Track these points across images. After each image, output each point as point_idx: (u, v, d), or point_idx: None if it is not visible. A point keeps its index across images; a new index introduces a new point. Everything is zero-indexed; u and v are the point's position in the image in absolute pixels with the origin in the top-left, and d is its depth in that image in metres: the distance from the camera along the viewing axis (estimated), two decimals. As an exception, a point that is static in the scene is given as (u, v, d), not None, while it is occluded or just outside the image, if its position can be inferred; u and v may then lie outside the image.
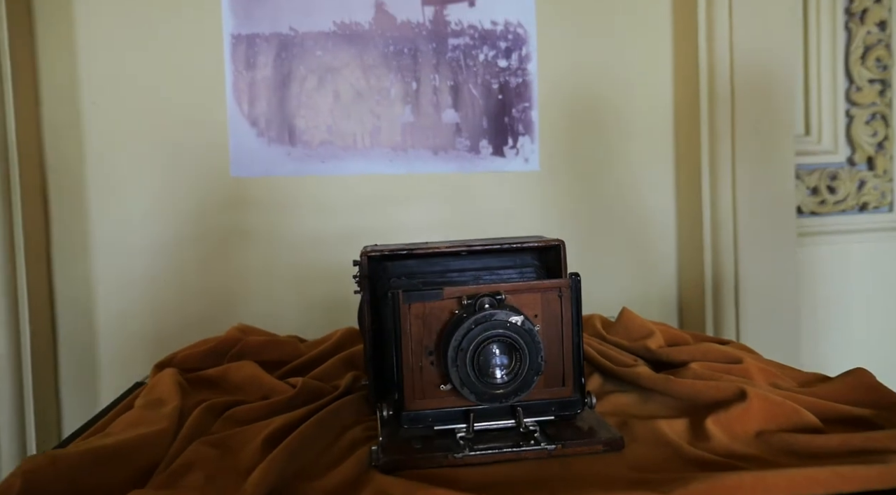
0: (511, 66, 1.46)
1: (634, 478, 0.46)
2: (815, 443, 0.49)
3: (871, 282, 1.47)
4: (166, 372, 0.77)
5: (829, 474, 0.43)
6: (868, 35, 1.43)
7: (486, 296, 0.54)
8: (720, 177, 1.39)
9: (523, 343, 0.52)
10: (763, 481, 0.42)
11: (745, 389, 0.56)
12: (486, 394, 0.53)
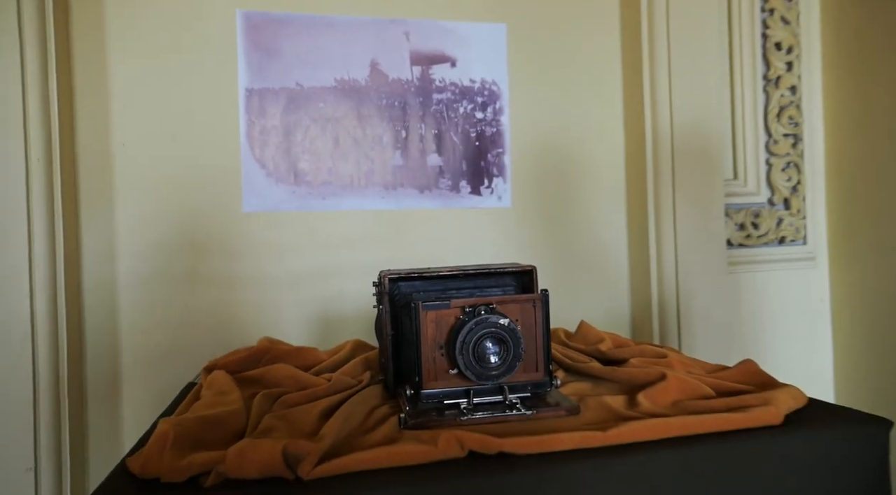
0: (486, 117, 1.70)
1: (586, 427, 0.67)
2: (707, 404, 0.71)
3: (789, 302, 1.73)
4: (218, 373, 0.95)
5: (712, 420, 0.65)
6: (782, 97, 1.72)
7: (481, 306, 0.76)
8: (663, 216, 1.65)
9: (509, 338, 0.74)
10: (667, 424, 0.64)
11: (665, 373, 0.79)
12: (483, 375, 0.74)
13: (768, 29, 1.71)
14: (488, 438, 0.63)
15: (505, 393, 0.76)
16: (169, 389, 1.44)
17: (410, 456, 0.62)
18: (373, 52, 1.64)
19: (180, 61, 1.53)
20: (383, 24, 1.64)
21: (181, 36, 1.52)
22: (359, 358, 1.02)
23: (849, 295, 1.73)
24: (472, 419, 0.72)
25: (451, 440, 0.63)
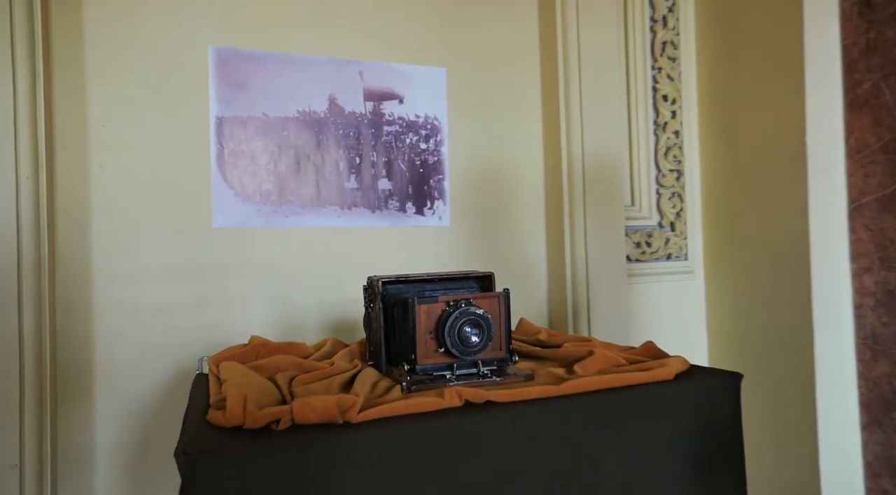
0: (429, 148, 1.96)
1: (542, 384, 0.94)
2: (623, 368, 1.00)
3: (673, 307, 2.10)
4: (231, 363, 1.14)
5: (627, 377, 0.93)
6: (668, 140, 2.11)
7: (462, 300, 1.01)
8: (576, 233, 1.97)
9: (483, 323, 0.99)
10: (598, 380, 0.92)
11: (593, 350, 1.07)
12: (465, 351, 0.99)
13: (657, 84, 2.10)
14: (479, 391, 0.88)
15: (479, 366, 1.01)
16: (139, 391, 1.59)
17: (426, 405, 0.85)
18: (331, 87, 1.86)
19: (157, 90, 1.68)
20: (340, 64, 1.87)
21: (158, 67, 1.68)
22: (344, 350, 1.24)
23: (719, 301, 2.13)
24: (456, 384, 0.96)
25: (453, 393, 0.87)
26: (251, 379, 1.01)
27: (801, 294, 1.82)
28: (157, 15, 1.68)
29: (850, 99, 1.84)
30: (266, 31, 1.78)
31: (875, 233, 1.78)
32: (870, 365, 1.80)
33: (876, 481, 1.81)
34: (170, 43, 1.69)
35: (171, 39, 1.69)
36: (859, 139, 1.81)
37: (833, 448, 1.78)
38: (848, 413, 1.81)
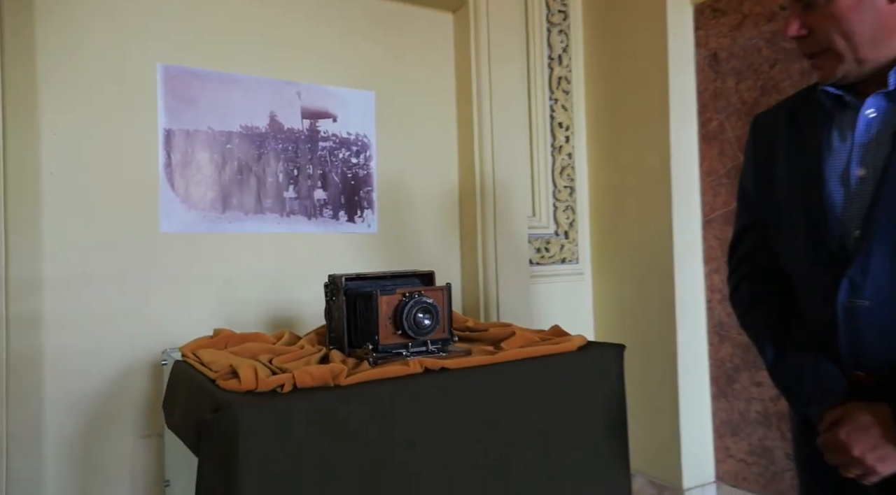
0: (360, 162, 2.20)
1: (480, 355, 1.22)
2: (538, 342, 1.30)
3: (567, 303, 2.47)
4: (207, 350, 1.32)
5: (542, 349, 1.24)
6: (563, 160, 2.48)
7: (415, 292, 1.26)
8: (487, 240, 2.28)
9: (433, 310, 1.25)
10: (521, 351, 1.21)
11: (514, 331, 1.36)
12: (418, 333, 1.24)
13: (554, 113, 2.46)
14: (435, 360, 1.14)
15: (428, 345, 1.27)
16: (88, 386, 1.69)
17: (396, 371, 1.10)
18: (271, 105, 2.04)
19: (108, 102, 1.79)
20: (280, 85, 2.06)
21: (110, 81, 1.79)
22: (307, 337, 1.45)
23: (603, 297, 2.52)
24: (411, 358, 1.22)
25: (415, 363, 1.13)
26: (240, 359, 1.21)
27: (667, 290, 2.24)
28: (110, 32, 1.79)
29: (702, 133, 2.29)
30: (213, 52, 1.94)
31: (722, 241, 2.23)
32: (717, 347, 2.25)
33: (721, 440, 2.26)
34: (121, 59, 1.81)
35: (122, 56, 1.81)
36: (709, 166, 2.27)
37: (689, 414, 2.21)
38: (701, 386, 2.25)
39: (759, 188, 1.11)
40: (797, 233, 0.99)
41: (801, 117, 1.04)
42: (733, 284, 1.17)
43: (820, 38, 0.93)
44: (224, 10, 1.96)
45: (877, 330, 0.87)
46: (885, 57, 0.91)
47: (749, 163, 1.15)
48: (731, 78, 2.20)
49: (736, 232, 1.19)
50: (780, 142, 1.07)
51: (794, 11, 0.96)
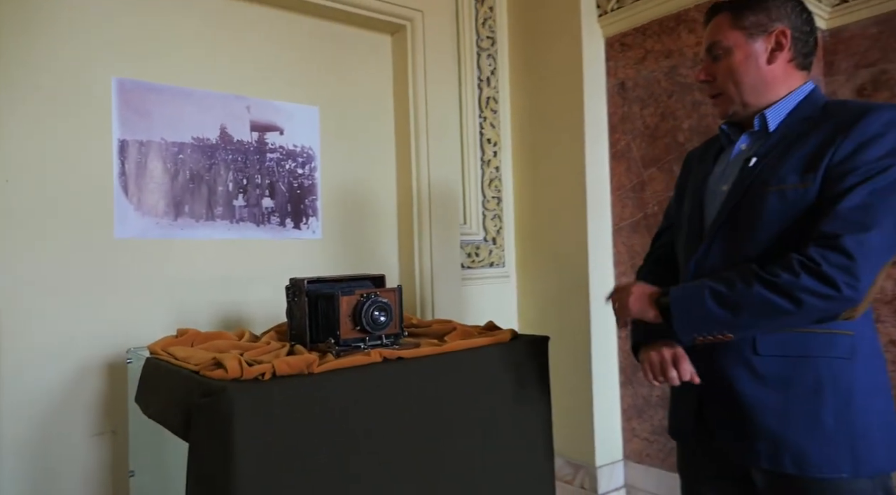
0: (305, 173, 2.35)
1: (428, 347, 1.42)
2: (476, 335, 1.52)
3: (495, 303, 2.72)
4: (178, 347, 1.45)
5: (479, 340, 1.45)
6: (491, 173, 2.72)
7: (372, 293, 1.45)
8: (423, 245, 2.48)
9: (388, 308, 1.44)
10: (462, 343, 1.42)
11: (455, 326, 1.57)
12: (375, 328, 1.43)
13: (483, 130, 2.71)
14: (393, 351, 1.33)
15: (382, 339, 1.46)
16: (43, 389, 1.76)
17: (360, 360, 1.28)
18: (222, 118, 2.16)
19: (64, 112, 1.86)
20: (230, 99, 2.18)
21: (65, 91, 1.86)
22: (270, 333, 1.60)
23: (526, 297, 2.79)
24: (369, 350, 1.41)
25: (376, 353, 1.31)
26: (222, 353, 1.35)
27: (582, 290, 2.52)
28: (66, 46, 1.86)
29: (612, 152, 2.59)
30: (166, 67, 2.04)
31: (629, 247, 2.54)
32: (625, 340, 2.56)
33: (628, 422, 2.56)
34: (77, 72, 1.88)
35: (78, 69, 1.88)
36: (618, 181, 2.57)
37: (601, 399, 2.50)
38: (611, 374, 2.55)
39: (676, 201, 1.42)
40: (681, 230, 1.32)
41: (708, 150, 1.36)
42: (639, 268, 1.48)
43: (719, 83, 1.23)
44: (177, 27, 2.07)
45: None
46: (762, 103, 1.21)
47: (676, 185, 1.46)
48: (637, 104, 2.52)
49: (657, 231, 1.54)
50: (693, 168, 1.37)
51: (705, 61, 1.25)
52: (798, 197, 1.08)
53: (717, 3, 1.28)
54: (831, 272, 0.99)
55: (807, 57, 1.22)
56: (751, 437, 1.11)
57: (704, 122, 2.29)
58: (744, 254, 1.12)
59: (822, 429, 1.06)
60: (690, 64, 2.34)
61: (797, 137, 1.14)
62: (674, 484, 2.36)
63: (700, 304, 1.08)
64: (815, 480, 1.06)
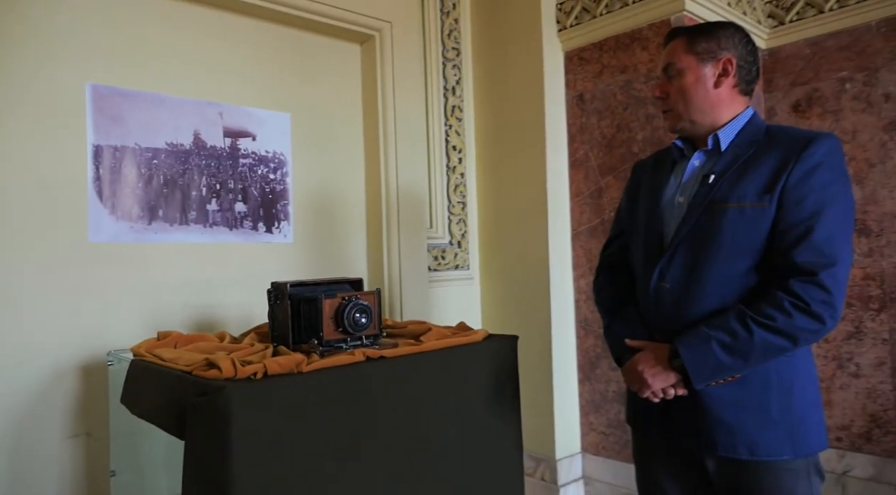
0: (277, 178, 2.40)
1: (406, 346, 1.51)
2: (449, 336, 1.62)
3: (460, 303, 2.82)
4: (164, 349, 1.50)
5: (454, 340, 1.55)
6: (457, 179, 2.83)
7: (353, 295, 1.53)
8: (392, 248, 2.57)
9: (368, 310, 1.53)
10: (439, 343, 1.52)
11: (431, 327, 1.67)
12: (356, 329, 1.51)
13: (449, 137, 2.81)
14: (374, 350, 1.42)
15: (363, 339, 1.54)
16: (16, 391, 1.78)
17: (345, 359, 1.36)
18: (195, 124, 2.20)
19: (39, 118, 1.87)
20: (203, 105, 2.22)
21: (40, 97, 1.87)
22: (251, 335, 1.66)
23: (489, 298, 2.90)
24: (350, 350, 1.49)
25: (359, 353, 1.40)
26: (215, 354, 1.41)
27: (543, 292, 2.65)
28: (41, 51, 1.87)
29: (571, 161, 2.73)
30: (140, 73, 2.07)
31: (586, 250, 2.68)
32: (583, 339, 2.70)
33: (586, 417, 2.71)
34: (52, 78, 1.89)
35: (52, 73, 1.90)
36: (577, 188, 2.72)
37: (562, 395, 2.64)
38: (570, 372, 2.69)
39: (627, 209, 1.53)
40: (640, 239, 1.42)
41: (659, 162, 1.48)
42: (597, 275, 1.60)
43: (671, 101, 1.37)
44: (151, 34, 2.10)
45: (670, 304, 1.29)
46: (709, 123, 1.35)
47: (625, 192, 1.58)
48: (594, 116, 2.66)
49: (608, 239, 1.63)
50: (645, 178, 1.50)
51: (661, 80, 1.39)
52: (756, 214, 1.22)
53: (676, 29, 1.42)
54: (818, 309, 1.15)
55: (749, 84, 1.37)
56: (710, 430, 1.24)
57: (657, 134, 2.45)
58: (703, 263, 1.25)
59: (769, 419, 1.21)
60: (644, 79, 2.50)
61: (750, 159, 1.28)
62: (627, 474, 2.51)
63: (712, 358, 1.19)
64: (762, 463, 1.21)
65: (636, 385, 1.29)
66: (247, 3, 2.23)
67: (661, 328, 1.31)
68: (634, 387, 1.31)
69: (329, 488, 1.26)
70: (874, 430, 2.52)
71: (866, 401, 2.54)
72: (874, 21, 2.53)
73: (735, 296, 1.23)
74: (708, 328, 1.21)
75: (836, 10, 2.62)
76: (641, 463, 1.48)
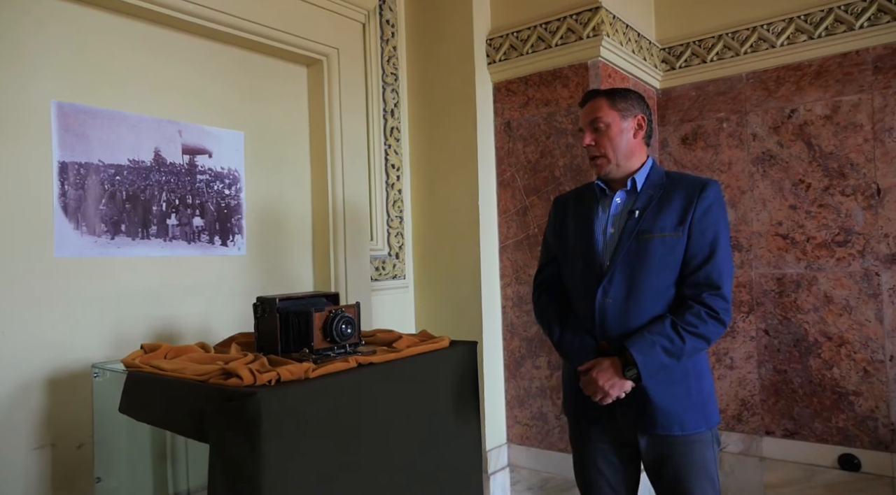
0: (231, 193, 2.51)
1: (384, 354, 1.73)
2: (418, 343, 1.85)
3: (396, 311, 3.05)
4: (161, 360, 1.62)
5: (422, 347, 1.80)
6: (395, 195, 3.05)
7: (338, 309, 1.73)
8: (338, 259, 2.75)
9: (353, 322, 1.73)
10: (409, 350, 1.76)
11: (401, 335, 1.89)
12: (343, 339, 1.71)
13: (388, 156, 3.03)
14: (363, 357, 1.63)
15: (346, 347, 1.75)
16: None
17: (341, 366, 1.55)
18: (155, 142, 2.27)
19: (5, 135, 1.88)
20: (163, 123, 2.29)
21: (6, 115, 1.89)
22: (233, 348, 1.80)
23: (423, 306, 3.15)
24: (338, 358, 1.69)
25: (352, 359, 1.60)
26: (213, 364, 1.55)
27: (475, 299, 2.94)
28: (6, 68, 1.89)
29: (499, 181, 3.05)
30: (103, 91, 2.12)
31: (513, 262, 3.01)
32: (509, 341, 3.02)
33: (511, 411, 3.03)
34: (17, 94, 1.92)
35: (18, 91, 1.92)
36: (504, 206, 3.04)
37: (490, 392, 2.94)
38: (497, 370, 3.00)
39: (556, 238, 1.84)
40: (577, 263, 1.73)
41: (582, 199, 1.80)
42: (537, 295, 1.89)
43: (600, 147, 1.69)
44: (113, 54, 2.15)
45: (614, 316, 1.62)
46: (631, 167, 1.69)
47: (551, 224, 1.88)
48: (520, 142, 2.99)
49: (540, 265, 1.91)
50: (569, 212, 1.81)
51: (588, 131, 1.69)
52: (674, 242, 1.58)
53: (594, 91, 1.76)
54: (724, 316, 1.54)
55: (649, 137, 1.75)
56: (651, 414, 1.57)
57: (576, 162, 2.82)
58: (638, 281, 1.58)
59: (691, 401, 1.56)
60: (565, 113, 2.86)
61: (662, 197, 1.63)
62: (548, 460, 2.87)
63: (657, 360, 1.53)
64: (686, 436, 1.56)
65: (597, 394, 1.58)
66: (204, 26, 2.33)
67: (606, 336, 1.62)
68: (595, 396, 1.59)
69: (340, 477, 1.46)
70: (743, 413, 3.05)
71: (738, 389, 3.06)
72: (744, 73, 3.05)
73: (663, 305, 1.58)
74: (651, 335, 1.54)
75: (715, 61, 3.13)
76: (581, 448, 1.78)
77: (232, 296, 2.45)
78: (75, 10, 2.07)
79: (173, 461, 1.99)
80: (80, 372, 2.00)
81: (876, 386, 2.71)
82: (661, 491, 1.62)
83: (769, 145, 2.98)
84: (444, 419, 1.81)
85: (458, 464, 1.84)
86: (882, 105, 2.70)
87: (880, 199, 2.71)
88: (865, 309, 2.73)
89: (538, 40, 2.91)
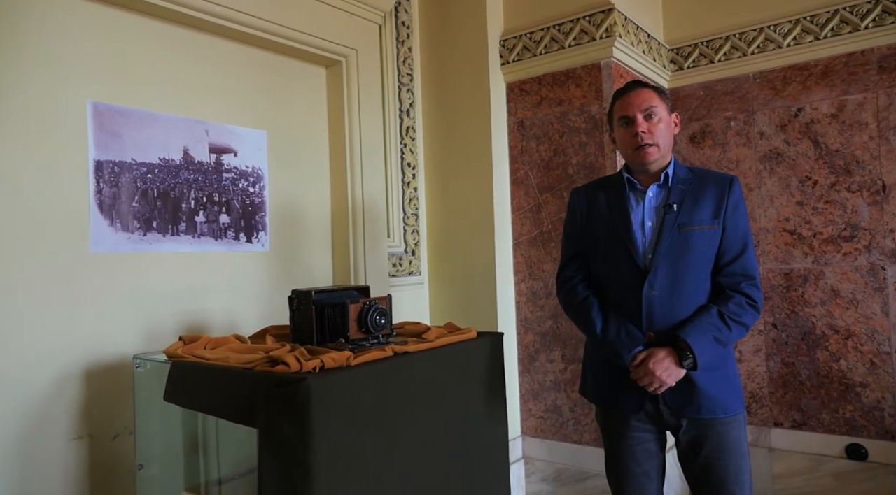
0: (256, 191, 2.57)
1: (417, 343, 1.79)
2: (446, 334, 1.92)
3: (413, 306, 3.11)
4: (205, 350, 1.68)
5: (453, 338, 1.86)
6: (411, 193, 3.12)
7: (373, 300, 1.79)
8: (357, 256, 2.81)
9: (386, 313, 1.79)
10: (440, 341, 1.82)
11: (430, 327, 1.96)
12: (377, 330, 1.77)
13: (404, 155, 3.09)
14: (399, 346, 1.69)
15: (380, 338, 1.81)
16: (21, 396, 1.86)
17: (380, 354, 1.61)
18: (184, 141, 2.33)
19: (43, 135, 1.94)
20: (192, 123, 2.35)
21: (44, 114, 1.95)
22: (268, 339, 1.86)
23: (438, 302, 3.22)
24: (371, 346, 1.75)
25: (388, 348, 1.66)
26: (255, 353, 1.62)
27: (489, 294, 3.01)
28: (43, 72, 1.95)
29: (513, 179, 3.12)
30: (135, 92, 2.18)
31: (526, 258, 3.07)
32: (524, 336, 3.09)
33: (526, 404, 3.10)
34: (54, 96, 1.97)
35: (55, 91, 1.98)
36: (518, 204, 3.10)
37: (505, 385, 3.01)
38: (512, 364, 3.06)
39: (583, 231, 1.88)
40: (615, 256, 1.77)
41: (608, 190, 1.85)
42: (567, 289, 1.92)
43: (654, 135, 1.71)
44: (145, 56, 2.21)
45: (660, 308, 1.68)
46: (666, 160, 1.76)
47: (574, 217, 1.92)
48: (533, 141, 3.06)
49: (565, 260, 1.96)
50: (597, 204, 1.85)
51: (641, 119, 1.72)
52: (711, 234, 1.67)
53: (639, 82, 1.81)
54: (760, 305, 1.64)
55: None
56: (698, 399, 1.64)
57: (588, 160, 2.89)
58: (682, 273, 1.66)
59: (730, 385, 1.66)
60: (577, 112, 2.93)
61: (694, 192, 1.70)
62: (563, 452, 2.93)
63: (711, 349, 1.60)
64: (726, 418, 1.65)
65: (654, 383, 1.61)
66: (230, 28, 2.39)
67: (653, 327, 1.69)
68: (651, 386, 1.62)
69: (381, 460, 1.52)
70: (752, 405, 3.12)
71: (747, 381, 3.13)
72: (752, 73, 3.13)
73: (704, 296, 1.67)
74: (703, 325, 1.61)
75: (723, 61, 3.20)
76: (617, 439, 1.80)
77: (256, 292, 2.51)
78: (109, 14, 2.12)
79: (205, 450, 2.04)
80: (115, 364, 2.06)
81: (882, 377, 2.79)
82: (696, 470, 1.69)
83: (776, 143, 3.06)
84: (473, 406, 1.88)
85: (487, 448, 1.90)
86: (887, 103, 2.78)
87: (886, 195, 2.78)
88: (871, 302, 2.81)
89: (551, 41, 2.97)
